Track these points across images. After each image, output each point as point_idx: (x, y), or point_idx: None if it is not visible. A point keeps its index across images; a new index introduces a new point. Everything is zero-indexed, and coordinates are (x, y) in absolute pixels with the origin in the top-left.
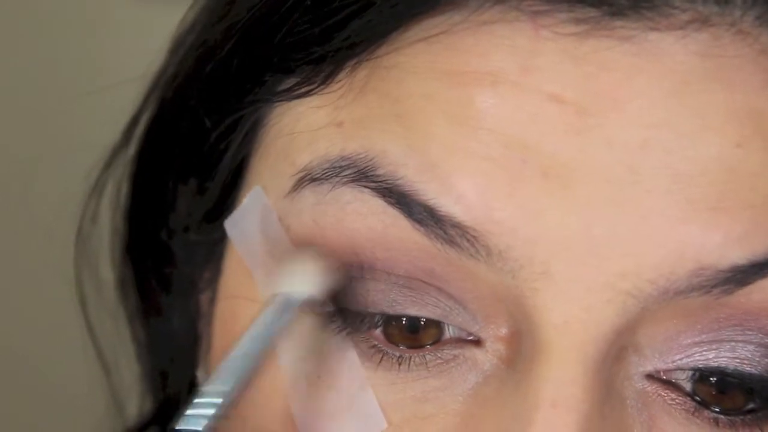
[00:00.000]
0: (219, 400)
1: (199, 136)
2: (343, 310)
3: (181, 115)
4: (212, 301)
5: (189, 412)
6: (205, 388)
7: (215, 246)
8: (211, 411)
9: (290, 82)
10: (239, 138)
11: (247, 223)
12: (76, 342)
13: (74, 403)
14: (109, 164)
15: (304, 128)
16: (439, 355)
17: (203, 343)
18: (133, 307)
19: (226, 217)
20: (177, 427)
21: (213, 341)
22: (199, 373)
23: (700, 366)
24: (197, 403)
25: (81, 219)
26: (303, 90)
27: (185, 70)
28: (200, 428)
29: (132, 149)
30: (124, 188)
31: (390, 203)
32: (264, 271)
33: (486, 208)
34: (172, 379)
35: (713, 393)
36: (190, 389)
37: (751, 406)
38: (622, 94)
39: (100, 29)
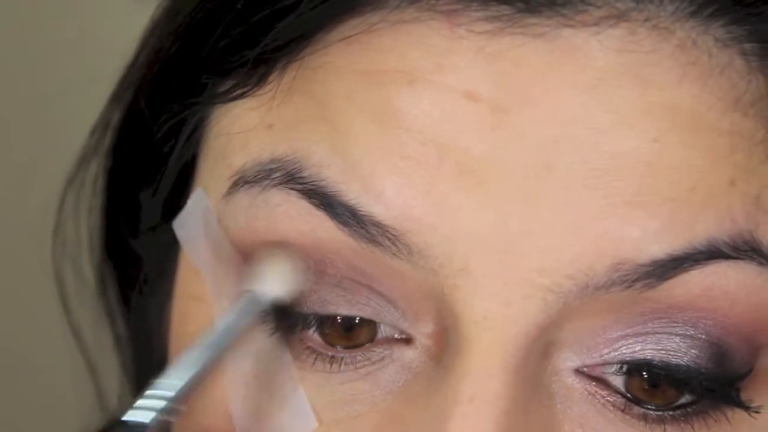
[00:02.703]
0: (170, 393)
1: (150, 138)
2: (277, 310)
3: (137, 117)
4: (170, 298)
5: (138, 403)
6: (158, 380)
7: (173, 244)
8: (160, 404)
9: (227, 84)
10: (183, 139)
11: (191, 224)
12: (60, 339)
13: (59, 398)
14: (82, 162)
15: (239, 130)
16: (369, 357)
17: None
18: (113, 303)
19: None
20: (124, 419)
21: (169, 339)
22: None
23: (627, 359)
24: (148, 395)
25: (57, 217)
26: (238, 92)
27: (140, 73)
28: (147, 421)
29: (105, 146)
30: (100, 186)
31: (315, 205)
32: (209, 270)
33: (404, 206)
34: (149, 374)
35: (645, 388)
36: None
37: (682, 401)
38: (536, 90)
39: (99, 29)
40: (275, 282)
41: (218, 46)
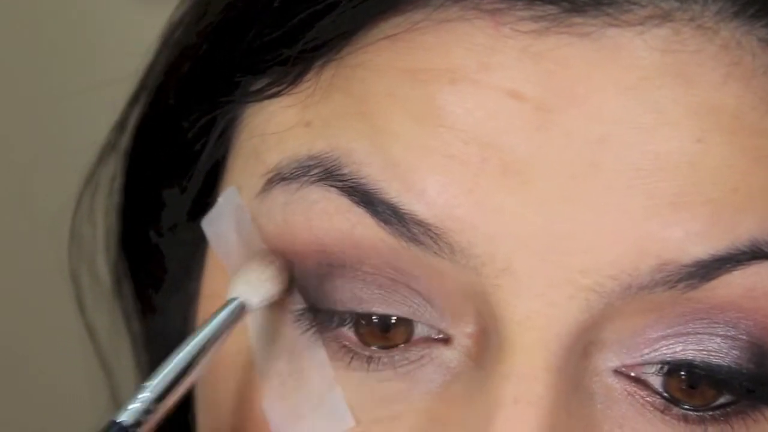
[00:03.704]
0: (151, 395)
1: (177, 136)
2: (313, 308)
3: (162, 116)
4: (195, 298)
5: (131, 406)
6: (146, 383)
7: (199, 244)
8: (144, 405)
9: (261, 82)
10: (214, 138)
11: (221, 222)
12: (75, 340)
13: (73, 401)
14: (99, 162)
15: (274, 128)
16: (407, 356)
17: None
18: (129, 304)
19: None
20: (115, 419)
21: None
22: None
23: (668, 359)
24: (138, 398)
25: (74, 216)
26: (273, 90)
27: (165, 72)
28: (128, 419)
29: (123, 145)
30: (117, 185)
31: (355, 202)
32: (240, 269)
33: (447, 205)
34: None
35: (683, 388)
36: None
37: (721, 401)
38: (581, 90)
39: (101, 28)
40: (251, 288)
41: (253, 45)
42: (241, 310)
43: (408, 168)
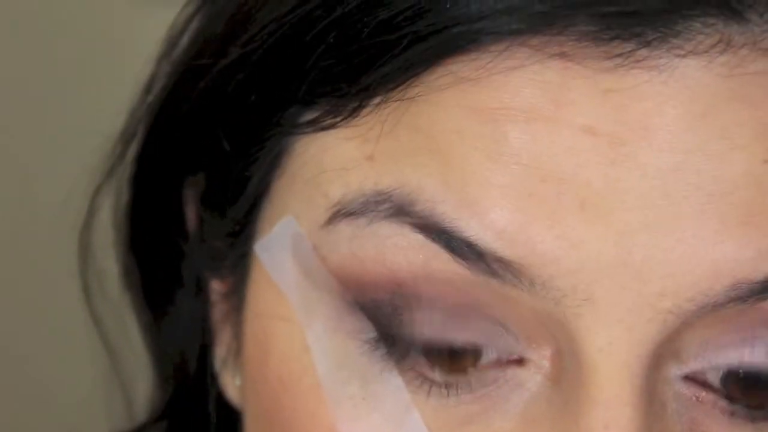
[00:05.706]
0: None
1: (217, 161)
2: (385, 335)
3: (192, 137)
4: (238, 313)
5: None
6: None
7: (239, 259)
8: None
9: (313, 113)
10: (263, 166)
11: (278, 249)
12: (80, 341)
13: (79, 401)
14: (109, 173)
15: (333, 160)
16: (482, 379)
17: (219, 342)
18: (139, 301)
19: (246, 232)
20: None
21: (247, 359)
22: (218, 368)
23: (735, 363)
24: None
25: (86, 215)
26: (327, 122)
27: (194, 93)
28: None
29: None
30: (125, 192)
31: (430, 238)
32: (299, 293)
33: (527, 242)
34: (183, 370)
35: (743, 389)
36: (203, 380)
37: None
38: (653, 122)
39: (102, 30)
40: None
41: (306, 78)
42: None
43: (485, 206)
